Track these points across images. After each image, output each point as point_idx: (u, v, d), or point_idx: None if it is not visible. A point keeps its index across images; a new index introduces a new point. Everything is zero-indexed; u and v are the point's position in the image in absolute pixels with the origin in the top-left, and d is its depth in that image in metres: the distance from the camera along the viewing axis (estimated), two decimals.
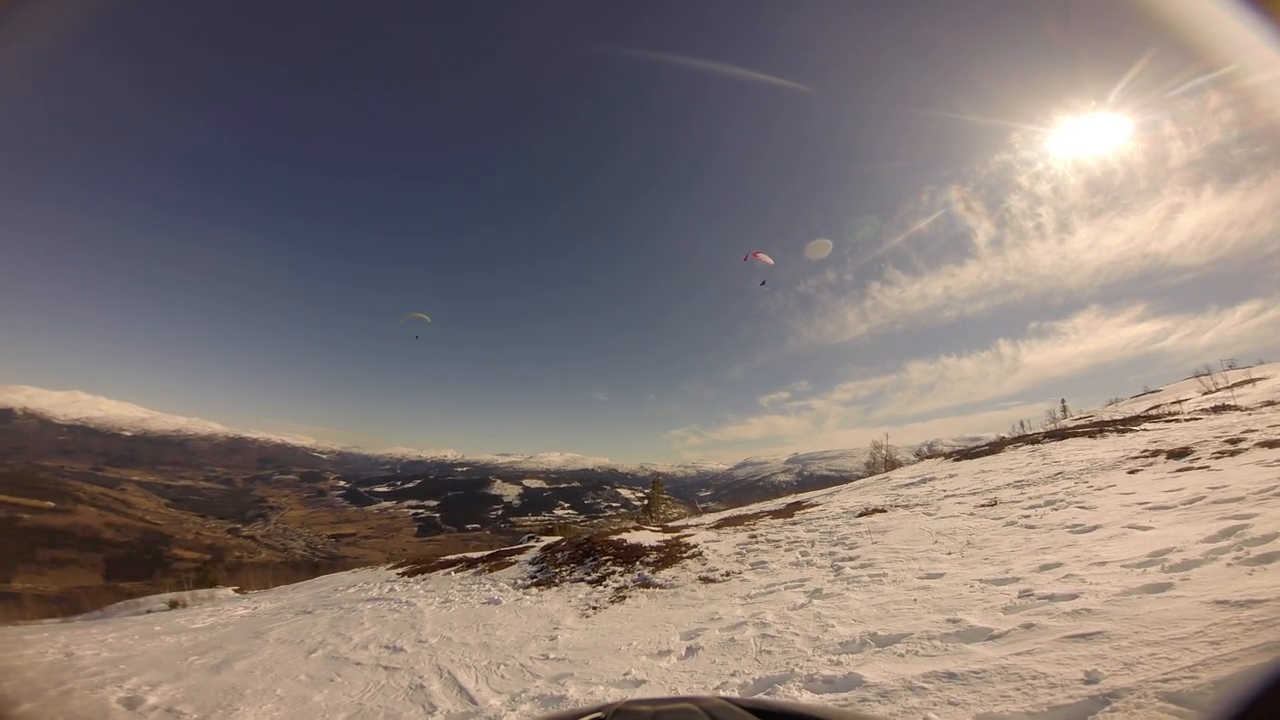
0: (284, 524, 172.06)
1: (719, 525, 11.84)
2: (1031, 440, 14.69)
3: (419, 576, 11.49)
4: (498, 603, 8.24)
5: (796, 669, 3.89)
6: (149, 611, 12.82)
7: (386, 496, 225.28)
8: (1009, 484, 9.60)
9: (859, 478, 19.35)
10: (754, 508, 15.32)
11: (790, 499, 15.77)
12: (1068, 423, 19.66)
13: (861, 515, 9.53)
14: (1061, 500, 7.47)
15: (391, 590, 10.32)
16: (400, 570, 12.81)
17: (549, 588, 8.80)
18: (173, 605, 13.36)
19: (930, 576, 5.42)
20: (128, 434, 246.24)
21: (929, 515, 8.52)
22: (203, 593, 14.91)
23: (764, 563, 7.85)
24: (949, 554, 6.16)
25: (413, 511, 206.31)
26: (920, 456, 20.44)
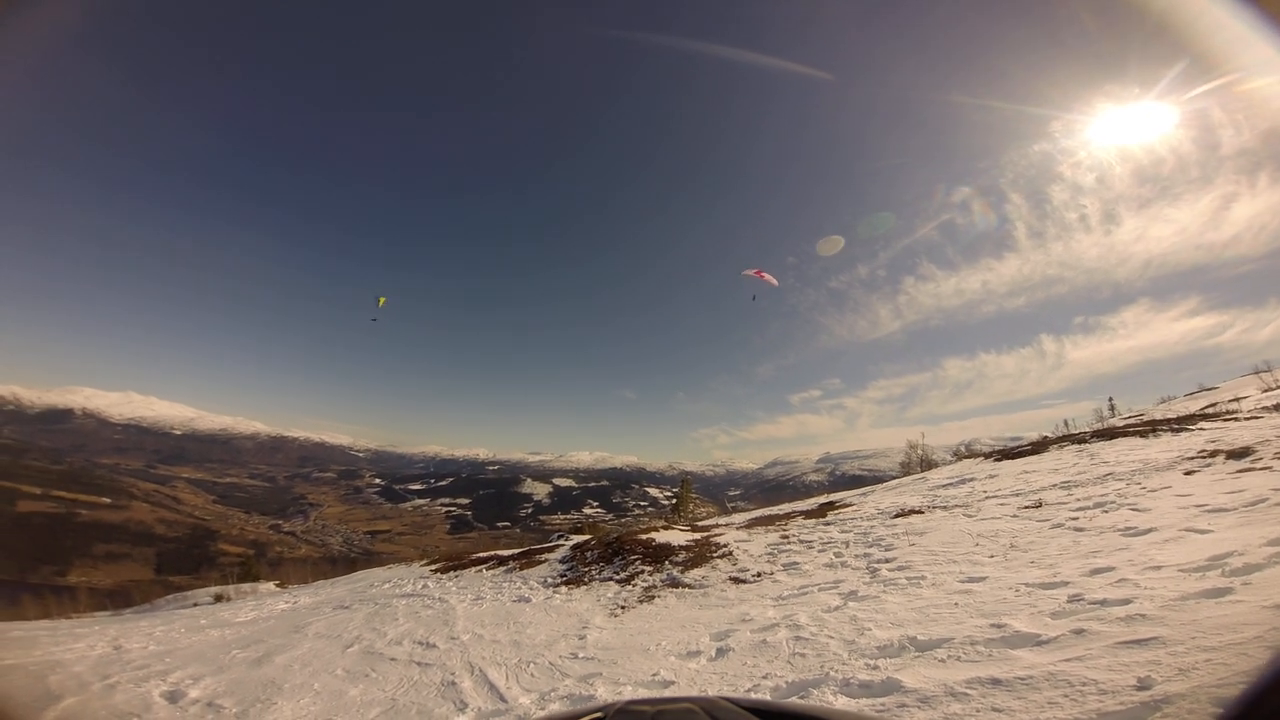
0: (323, 520, 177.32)
1: (749, 525, 11.69)
2: (1078, 439, 14.09)
3: (451, 573, 11.65)
4: (528, 601, 8.29)
5: (832, 672, 3.79)
6: (195, 605, 13.33)
7: (420, 494, 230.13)
8: (1055, 485, 9.21)
9: (893, 478, 18.89)
10: (785, 507, 15.09)
11: (822, 499, 15.49)
12: (1116, 422, 18.82)
13: (898, 516, 9.28)
14: (1112, 502, 7.12)
15: (425, 587, 10.49)
16: (433, 567, 13.02)
17: (578, 586, 8.81)
18: (218, 599, 13.86)
19: (972, 580, 5.22)
20: (178, 433, 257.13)
21: (969, 517, 8.24)
22: (246, 587, 15.45)
23: (796, 564, 7.70)
24: (991, 557, 5.93)
25: (445, 509, 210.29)
26: (958, 456, 19.84)
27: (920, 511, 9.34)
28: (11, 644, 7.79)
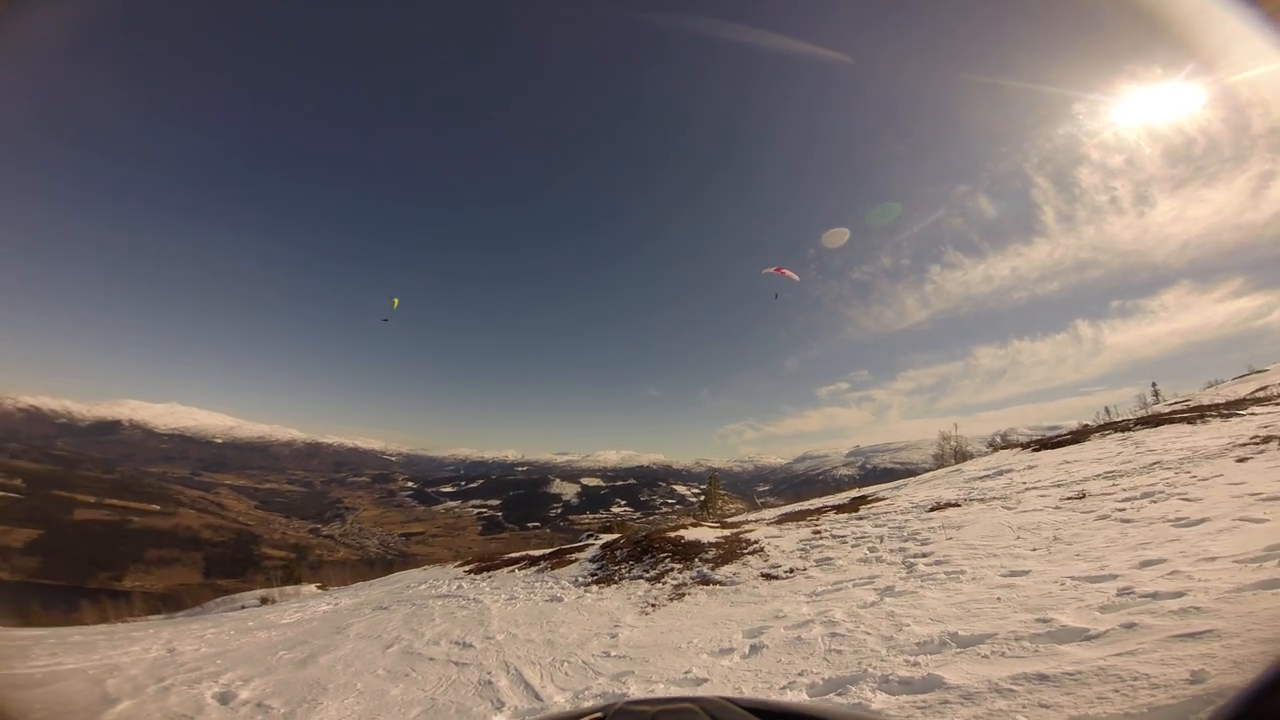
0: (359, 524, 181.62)
1: (780, 521, 11.58)
2: (1121, 427, 13.60)
3: (485, 574, 11.82)
4: (560, 600, 8.36)
5: (870, 669, 3.73)
6: (243, 607, 13.79)
7: (452, 496, 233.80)
8: (1098, 475, 8.91)
9: (926, 470, 18.51)
10: (816, 502, 14.91)
11: (854, 493, 15.26)
12: (1161, 408, 18.11)
13: (933, 510, 9.08)
14: (1161, 492, 6.85)
15: (460, 587, 10.66)
16: (467, 568, 13.23)
17: (609, 585, 8.85)
18: (264, 601, 14.32)
19: (1014, 574, 5.07)
20: (219, 441, 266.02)
21: (1008, 509, 8.02)
22: (289, 589, 15.93)
23: (830, 559, 7.60)
24: (1034, 550, 5.75)
25: (477, 511, 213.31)
26: (993, 447, 19.32)
27: (956, 504, 9.13)
28: (72, 648, 8.16)
